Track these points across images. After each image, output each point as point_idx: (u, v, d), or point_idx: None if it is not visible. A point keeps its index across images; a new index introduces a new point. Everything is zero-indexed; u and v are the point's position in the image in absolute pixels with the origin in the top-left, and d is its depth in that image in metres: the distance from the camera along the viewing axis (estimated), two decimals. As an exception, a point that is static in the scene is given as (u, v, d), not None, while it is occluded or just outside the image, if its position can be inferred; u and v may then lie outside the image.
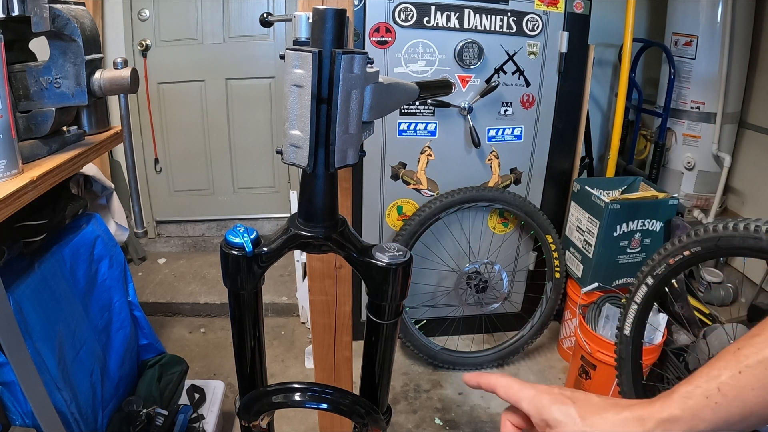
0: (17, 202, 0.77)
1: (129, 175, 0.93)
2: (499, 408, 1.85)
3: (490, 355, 2.04)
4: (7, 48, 0.78)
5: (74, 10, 0.82)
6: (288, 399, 0.58)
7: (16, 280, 0.97)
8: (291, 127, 0.46)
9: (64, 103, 0.84)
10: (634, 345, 1.52)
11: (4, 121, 0.75)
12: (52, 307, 1.05)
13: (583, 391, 0.43)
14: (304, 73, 0.43)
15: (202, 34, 2.51)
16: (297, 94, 0.44)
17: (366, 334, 0.56)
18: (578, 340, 1.75)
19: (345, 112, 0.45)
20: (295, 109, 0.45)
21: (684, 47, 2.23)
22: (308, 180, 0.49)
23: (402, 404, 1.86)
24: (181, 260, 2.73)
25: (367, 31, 1.70)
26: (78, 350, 1.13)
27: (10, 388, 0.93)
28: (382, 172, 1.89)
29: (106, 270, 1.28)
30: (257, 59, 2.56)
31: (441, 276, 2.06)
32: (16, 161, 0.79)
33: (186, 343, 2.17)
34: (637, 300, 1.53)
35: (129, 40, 2.48)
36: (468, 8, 1.73)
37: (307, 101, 0.44)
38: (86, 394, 1.14)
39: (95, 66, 0.85)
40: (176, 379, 1.47)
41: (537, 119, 1.92)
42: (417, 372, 2.03)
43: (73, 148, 0.95)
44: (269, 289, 2.40)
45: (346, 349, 1.12)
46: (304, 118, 0.44)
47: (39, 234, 1.05)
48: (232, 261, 0.50)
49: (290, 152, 0.47)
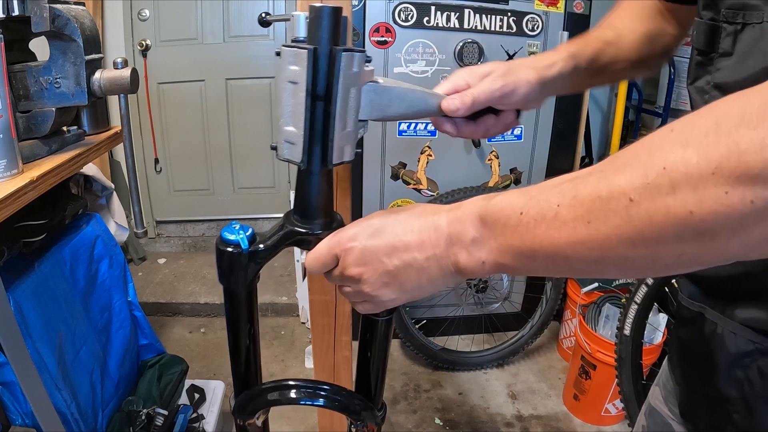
0: (17, 202, 0.77)
1: (129, 175, 0.93)
2: (500, 408, 1.85)
3: (490, 355, 2.04)
4: (7, 48, 0.78)
5: (74, 10, 0.82)
6: (283, 396, 0.58)
7: (16, 280, 0.97)
8: (285, 124, 0.46)
9: (64, 103, 0.84)
10: (634, 345, 1.52)
11: (4, 121, 0.75)
12: (52, 307, 1.05)
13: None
14: (299, 69, 0.43)
15: (202, 34, 2.51)
16: (292, 90, 0.45)
17: (361, 330, 0.56)
18: (578, 340, 1.75)
19: (343, 110, 0.45)
20: (289, 105, 0.45)
21: (684, 47, 2.22)
22: (303, 176, 0.49)
23: (402, 404, 1.86)
24: (181, 260, 2.73)
25: (367, 30, 1.70)
26: (78, 350, 1.13)
27: (10, 388, 0.93)
28: (382, 172, 1.89)
29: (106, 270, 1.28)
30: (257, 59, 2.56)
31: (441, 276, 2.06)
32: (16, 161, 0.79)
33: (186, 343, 2.17)
34: (637, 300, 1.53)
35: (129, 40, 2.48)
36: (468, 8, 1.73)
37: (301, 98, 0.44)
38: (86, 394, 1.14)
39: (95, 66, 0.85)
40: (176, 379, 1.47)
41: (537, 119, 1.92)
42: (417, 372, 2.03)
43: (73, 148, 0.95)
44: (269, 289, 2.40)
45: (345, 349, 1.12)
46: (299, 114, 0.45)
47: (39, 234, 1.05)
48: (228, 258, 0.50)
49: (284, 148, 0.47)
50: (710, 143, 0.26)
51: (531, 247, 0.35)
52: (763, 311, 0.47)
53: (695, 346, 0.54)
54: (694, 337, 0.54)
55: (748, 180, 0.25)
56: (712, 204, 0.26)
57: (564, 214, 0.32)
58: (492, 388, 1.96)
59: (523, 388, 1.96)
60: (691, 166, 0.26)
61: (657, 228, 0.28)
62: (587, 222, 0.31)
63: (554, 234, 0.33)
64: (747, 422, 0.49)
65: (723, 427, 0.51)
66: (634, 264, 0.31)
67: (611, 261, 0.32)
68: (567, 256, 0.33)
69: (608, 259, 0.32)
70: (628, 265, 0.32)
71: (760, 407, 0.48)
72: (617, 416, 1.76)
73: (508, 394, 1.92)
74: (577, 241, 0.32)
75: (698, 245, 0.28)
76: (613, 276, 0.36)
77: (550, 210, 0.33)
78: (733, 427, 0.50)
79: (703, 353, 0.53)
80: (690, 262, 0.30)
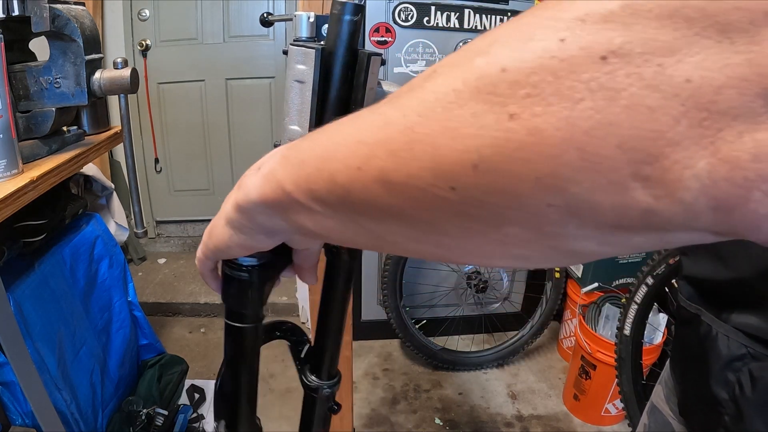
0: (17, 202, 0.77)
1: (129, 175, 0.93)
2: (500, 408, 1.85)
3: (490, 355, 2.04)
4: (7, 48, 0.78)
5: (74, 10, 0.82)
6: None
7: (16, 280, 0.97)
8: (290, 123, 0.46)
9: (64, 103, 0.84)
10: (634, 345, 1.52)
11: (4, 121, 0.75)
12: (52, 307, 1.05)
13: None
14: (307, 69, 0.43)
15: (202, 34, 2.51)
16: (299, 89, 0.45)
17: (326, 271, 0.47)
18: (578, 340, 1.75)
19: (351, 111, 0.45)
20: (296, 104, 0.45)
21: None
22: None
23: (402, 404, 1.86)
24: (181, 260, 2.72)
25: (367, 31, 1.70)
26: (78, 350, 1.13)
27: (10, 388, 0.93)
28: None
29: (106, 270, 1.28)
30: (257, 59, 2.56)
31: (441, 276, 2.06)
32: (16, 161, 0.79)
33: (186, 343, 2.17)
34: (637, 300, 1.53)
35: (129, 40, 2.48)
36: (468, 8, 1.73)
37: (308, 97, 0.44)
38: (86, 394, 1.14)
39: (95, 66, 0.85)
40: (176, 379, 1.47)
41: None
42: (417, 372, 2.03)
43: (73, 148, 0.95)
44: (269, 289, 2.39)
45: (346, 349, 1.12)
46: (305, 114, 0.45)
47: (39, 234, 1.05)
48: (240, 286, 0.40)
49: None
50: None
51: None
52: (756, 317, 0.47)
53: (692, 346, 0.55)
54: (691, 338, 0.55)
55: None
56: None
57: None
58: (492, 388, 1.96)
59: (523, 388, 1.96)
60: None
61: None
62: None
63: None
64: (736, 425, 0.49)
65: (714, 428, 0.52)
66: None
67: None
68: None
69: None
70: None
71: (748, 411, 0.48)
72: (617, 416, 1.76)
73: (508, 394, 1.92)
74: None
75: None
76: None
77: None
78: (723, 428, 0.51)
79: (698, 354, 0.53)
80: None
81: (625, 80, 0.15)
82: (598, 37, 0.15)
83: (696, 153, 0.14)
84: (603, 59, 0.15)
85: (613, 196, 0.16)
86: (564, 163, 0.16)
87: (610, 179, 0.15)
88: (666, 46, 0.15)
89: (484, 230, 0.19)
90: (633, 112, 0.15)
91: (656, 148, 0.15)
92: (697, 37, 0.14)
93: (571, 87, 0.15)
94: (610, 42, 0.15)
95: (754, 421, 0.48)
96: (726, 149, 0.14)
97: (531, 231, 0.18)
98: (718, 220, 0.15)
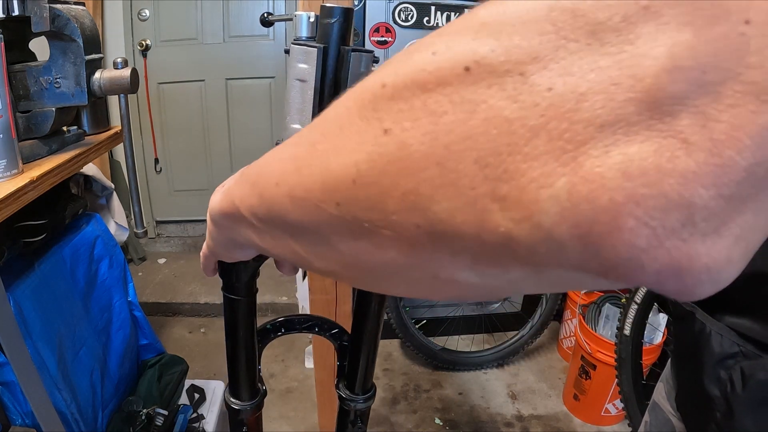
0: (17, 202, 0.77)
1: (129, 175, 0.93)
2: (500, 408, 1.85)
3: (490, 355, 2.04)
4: (7, 48, 0.78)
5: (74, 10, 0.82)
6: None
7: (16, 280, 0.97)
8: (292, 121, 0.46)
9: (64, 103, 0.84)
10: (634, 345, 1.52)
11: (4, 121, 0.75)
12: (52, 307, 1.05)
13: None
14: (308, 68, 0.44)
15: (202, 34, 2.51)
16: (300, 88, 0.45)
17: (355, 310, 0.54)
18: (578, 340, 1.75)
19: None
20: (297, 103, 0.45)
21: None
22: None
23: (402, 404, 1.86)
24: (181, 260, 2.72)
25: (367, 30, 1.70)
26: (78, 350, 1.13)
27: (10, 388, 0.93)
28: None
29: (106, 270, 1.28)
30: (257, 59, 2.56)
31: (441, 276, 2.06)
32: (16, 161, 0.79)
33: (186, 343, 2.17)
34: (637, 300, 1.53)
35: (129, 40, 2.48)
36: (468, 8, 1.73)
37: (309, 96, 0.44)
38: (86, 394, 1.14)
39: (95, 66, 0.85)
40: (176, 379, 1.47)
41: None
42: (417, 372, 2.03)
43: (73, 148, 0.95)
44: (269, 289, 2.40)
45: (346, 349, 1.12)
46: (306, 112, 0.45)
47: (39, 234, 1.05)
48: (233, 266, 0.47)
49: None
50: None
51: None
52: (748, 319, 0.49)
53: (687, 342, 0.56)
54: (686, 334, 0.56)
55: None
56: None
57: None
58: (492, 388, 1.96)
59: (523, 388, 1.96)
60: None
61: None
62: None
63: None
64: (727, 422, 0.50)
65: (707, 424, 0.53)
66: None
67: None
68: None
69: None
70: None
71: (739, 409, 0.49)
72: (617, 416, 1.76)
73: (508, 394, 1.93)
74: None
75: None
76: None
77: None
78: (715, 425, 0.51)
79: (693, 350, 0.54)
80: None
81: (486, 91, 0.14)
82: (464, 48, 0.14)
83: (555, 170, 0.13)
84: (467, 70, 0.14)
85: (472, 218, 0.14)
86: (425, 179, 0.15)
87: (468, 198, 0.14)
88: (529, 53, 0.13)
89: (372, 252, 0.18)
90: (490, 124, 0.13)
91: (513, 163, 0.13)
92: (564, 41, 0.13)
93: (437, 101, 0.15)
94: (475, 53, 0.14)
95: (745, 419, 0.49)
96: (588, 165, 0.12)
97: (408, 257, 0.17)
98: (588, 255, 0.13)
